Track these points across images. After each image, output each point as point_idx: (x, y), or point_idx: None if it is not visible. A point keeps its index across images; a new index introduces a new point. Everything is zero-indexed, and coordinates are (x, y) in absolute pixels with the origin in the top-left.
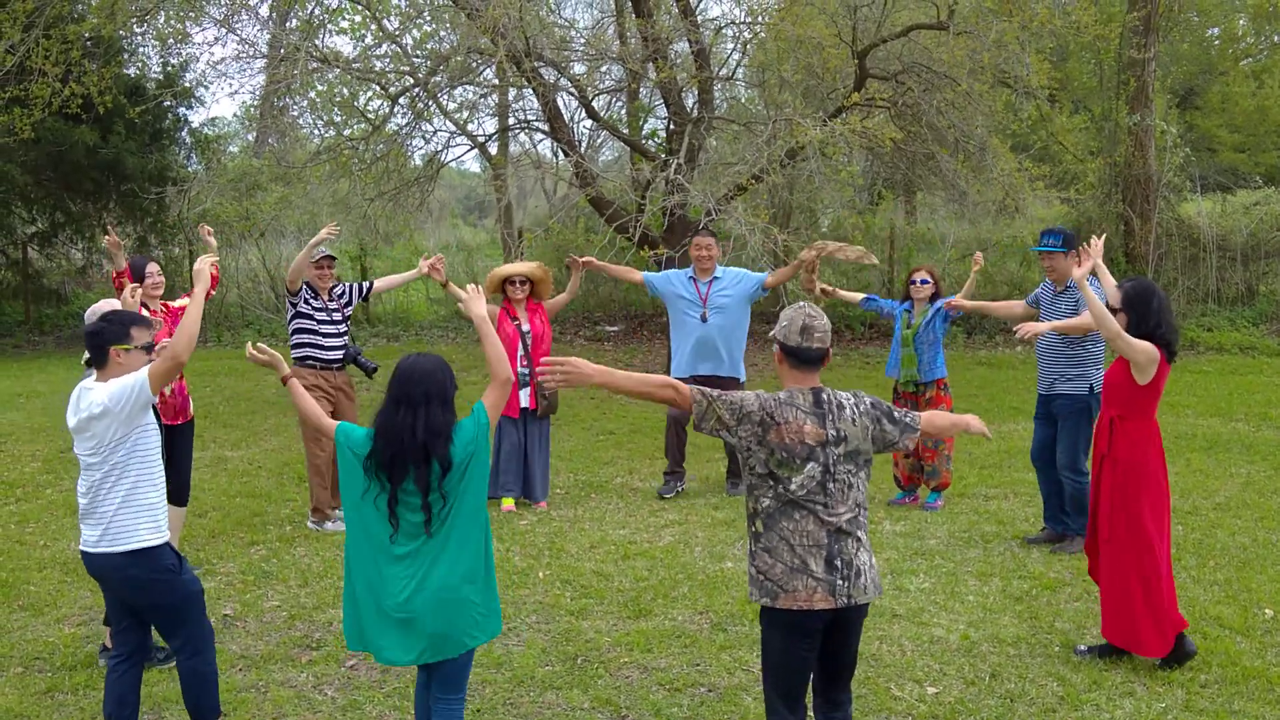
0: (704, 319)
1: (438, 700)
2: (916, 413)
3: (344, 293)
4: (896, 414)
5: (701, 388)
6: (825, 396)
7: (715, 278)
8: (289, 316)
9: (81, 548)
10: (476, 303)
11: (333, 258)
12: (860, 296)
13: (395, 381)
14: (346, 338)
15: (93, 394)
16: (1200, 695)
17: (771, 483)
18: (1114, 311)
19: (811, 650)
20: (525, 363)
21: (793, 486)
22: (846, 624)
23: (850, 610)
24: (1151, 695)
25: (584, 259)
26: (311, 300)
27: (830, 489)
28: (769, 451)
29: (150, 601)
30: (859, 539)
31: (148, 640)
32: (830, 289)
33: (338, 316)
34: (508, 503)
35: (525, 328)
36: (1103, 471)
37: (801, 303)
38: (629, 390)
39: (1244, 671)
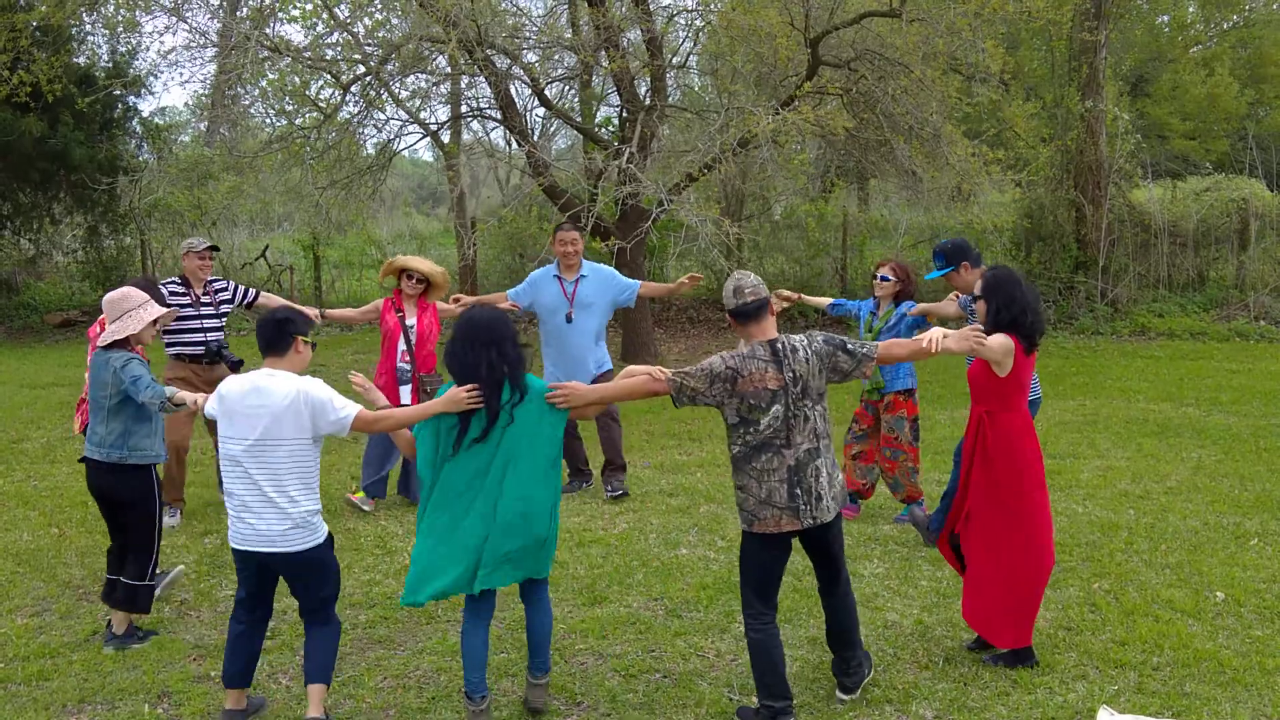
0: (569, 319)
1: (531, 604)
2: (876, 343)
3: (225, 289)
4: (850, 345)
5: (674, 373)
6: (779, 345)
7: (582, 275)
8: None
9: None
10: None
11: (215, 248)
12: (827, 302)
13: (460, 329)
14: (217, 334)
15: (287, 383)
16: (1152, 678)
17: (741, 430)
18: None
19: (780, 560)
20: (408, 359)
21: (761, 427)
22: (819, 538)
23: (817, 528)
24: (1104, 678)
25: (455, 298)
26: (179, 294)
27: (791, 425)
28: (739, 400)
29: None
30: (818, 467)
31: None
32: (796, 295)
33: (208, 310)
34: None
35: (410, 322)
36: (974, 466)
37: (735, 271)
38: (620, 398)
39: (1196, 654)
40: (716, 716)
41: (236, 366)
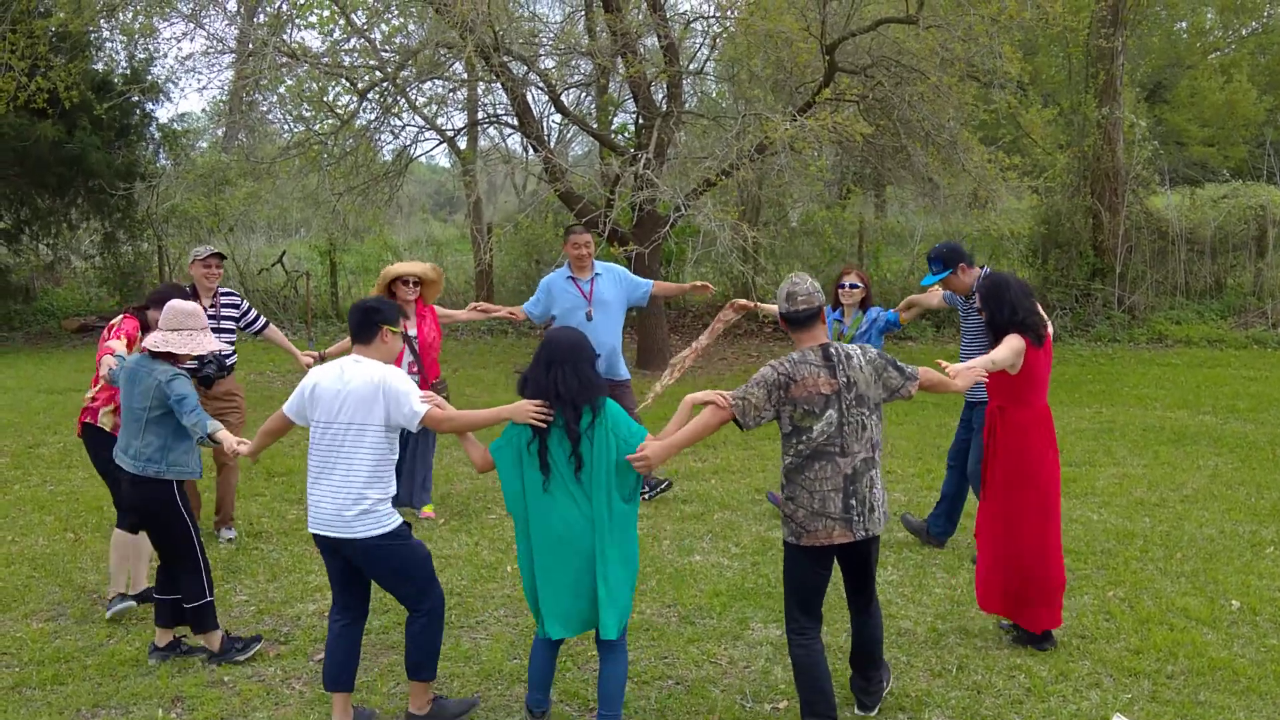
0: (589, 317)
1: (603, 647)
2: (917, 367)
3: (237, 305)
4: (900, 364)
5: (735, 394)
6: (833, 350)
7: (596, 274)
8: None
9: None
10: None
11: (220, 255)
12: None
13: (540, 348)
14: (225, 347)
15: (370, 371)
16: (1167, 686)
17: (794, 439)
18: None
19: (826, 573)
20: (415, 369)
21: (814, 434)
22: (864, 551)
23: (867, 540)
24: (1118, 686)
25: (476, 305)
26: None
27: (845, 432)
28: (793, 407)
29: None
30: (872, 478)
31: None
32: (751, 304)
33: (227, 325)
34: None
35: (411, 333)
36: (989, 459)
37: (793, 274)
38: (695, 439)
39: (1210, 662)
40: None
41: (208, 382)
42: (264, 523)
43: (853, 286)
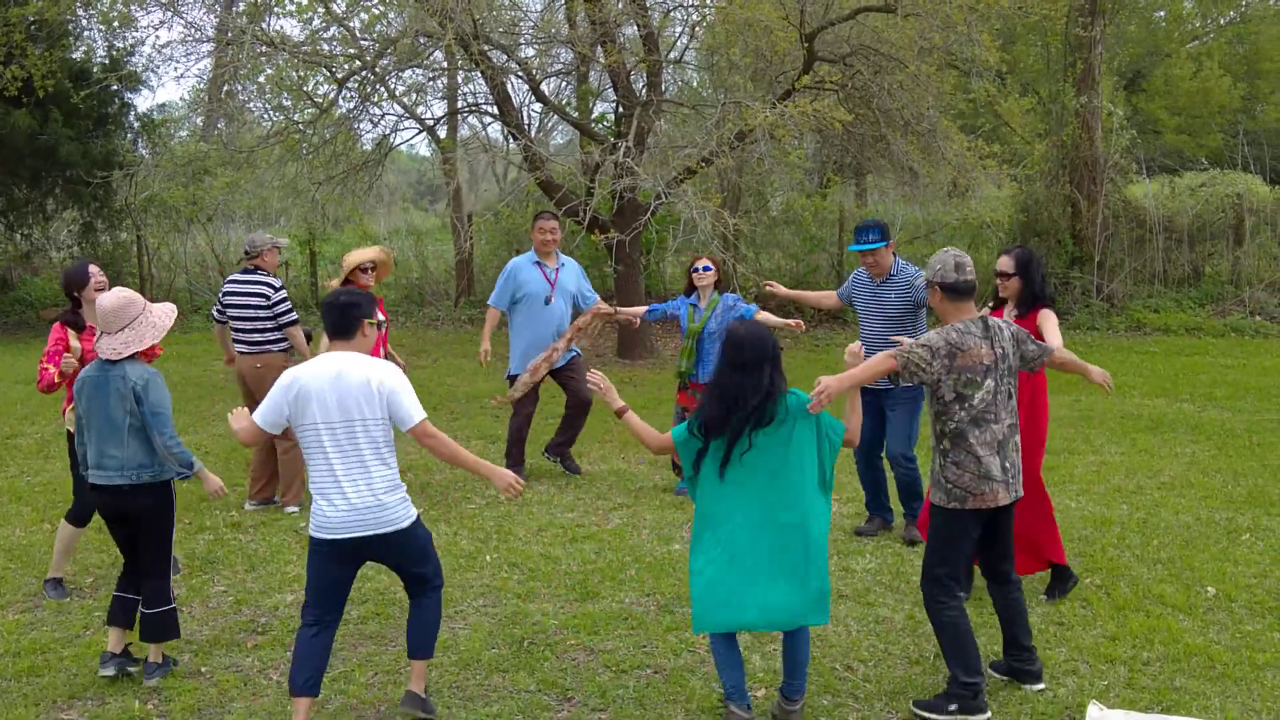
0: (548, 301)
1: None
2: (1048, 345)
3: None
4: (1033, 340)
5: (901, 350)
6: (990, 323)
7: (561, 264)
8: (283, 307)
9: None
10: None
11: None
12: (644, 310)
13: (730, 348)
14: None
15: (366, 370)
16: (1143, 673)
17: (957, 406)
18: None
19: (978, 536)
20: (381, 353)
21: (976, 402)
22: (1008, 513)
23: (1013, 504)
24: (1094, 673)
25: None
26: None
27: (999, 400)
28: (956, 376)
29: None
30: (1016, 443)
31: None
32: (612, 311)
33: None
34: None
35: (381, 318)
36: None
37: (947, 248)
38: (867, 379)
39: (1186, 649)
40: (707, 712)
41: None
42: (242, 514)
43: (706, 269)
